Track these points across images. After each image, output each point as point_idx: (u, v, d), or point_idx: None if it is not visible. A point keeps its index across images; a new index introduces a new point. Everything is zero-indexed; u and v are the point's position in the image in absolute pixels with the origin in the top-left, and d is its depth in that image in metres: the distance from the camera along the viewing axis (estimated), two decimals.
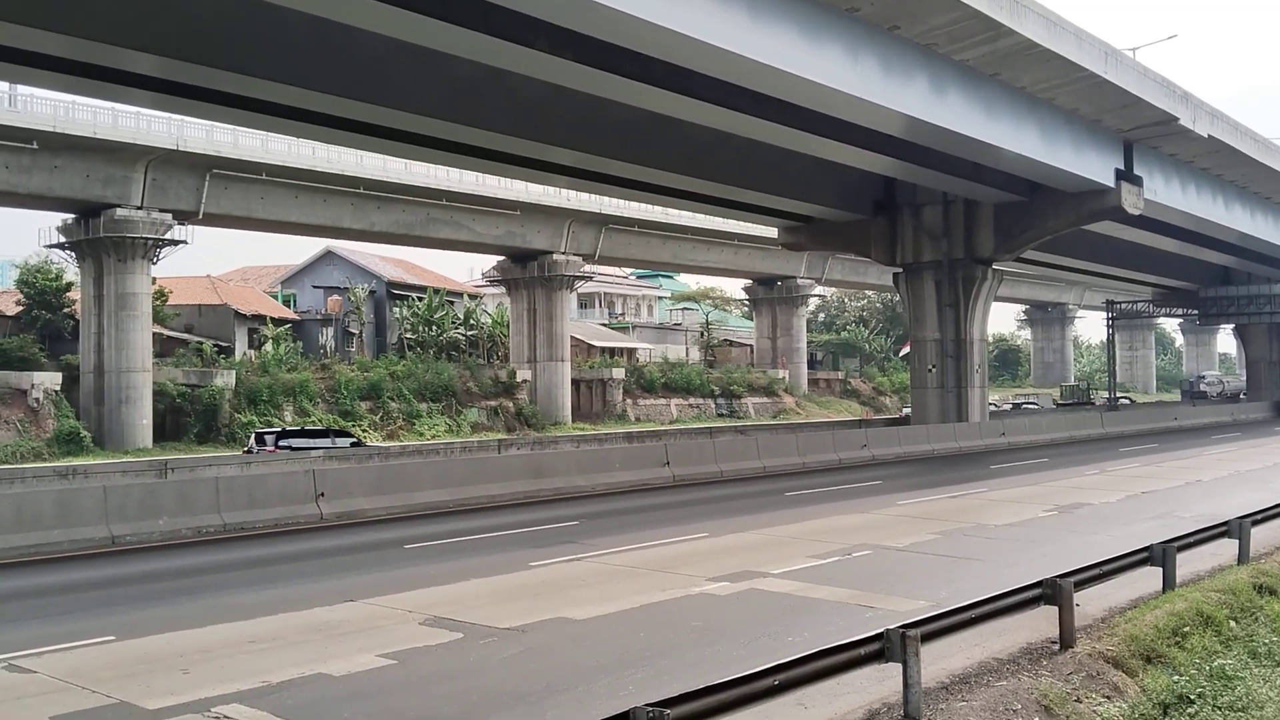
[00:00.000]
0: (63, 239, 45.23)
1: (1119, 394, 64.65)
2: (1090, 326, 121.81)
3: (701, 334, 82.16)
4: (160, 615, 13.10)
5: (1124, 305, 70.83)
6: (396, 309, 66.69)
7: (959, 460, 37.04)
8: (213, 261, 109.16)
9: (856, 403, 75.58)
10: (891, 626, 9.27)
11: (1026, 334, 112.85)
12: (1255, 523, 16.99)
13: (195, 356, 50.26)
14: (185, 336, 54.19)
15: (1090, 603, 12.80)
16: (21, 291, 51.31)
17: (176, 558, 17.61)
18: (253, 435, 39.72)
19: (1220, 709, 10.77)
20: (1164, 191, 40.73)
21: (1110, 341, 69.01)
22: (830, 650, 8.88)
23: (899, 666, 9.10)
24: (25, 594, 14.92)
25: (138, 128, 41.18)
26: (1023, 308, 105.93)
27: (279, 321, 59.41)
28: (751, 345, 79.63)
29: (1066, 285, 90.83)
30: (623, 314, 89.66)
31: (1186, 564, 14.84)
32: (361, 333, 65.34)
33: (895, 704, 9.20)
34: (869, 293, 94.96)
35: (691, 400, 65.72)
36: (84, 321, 44.75)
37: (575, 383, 61.35)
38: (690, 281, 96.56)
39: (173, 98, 25.94)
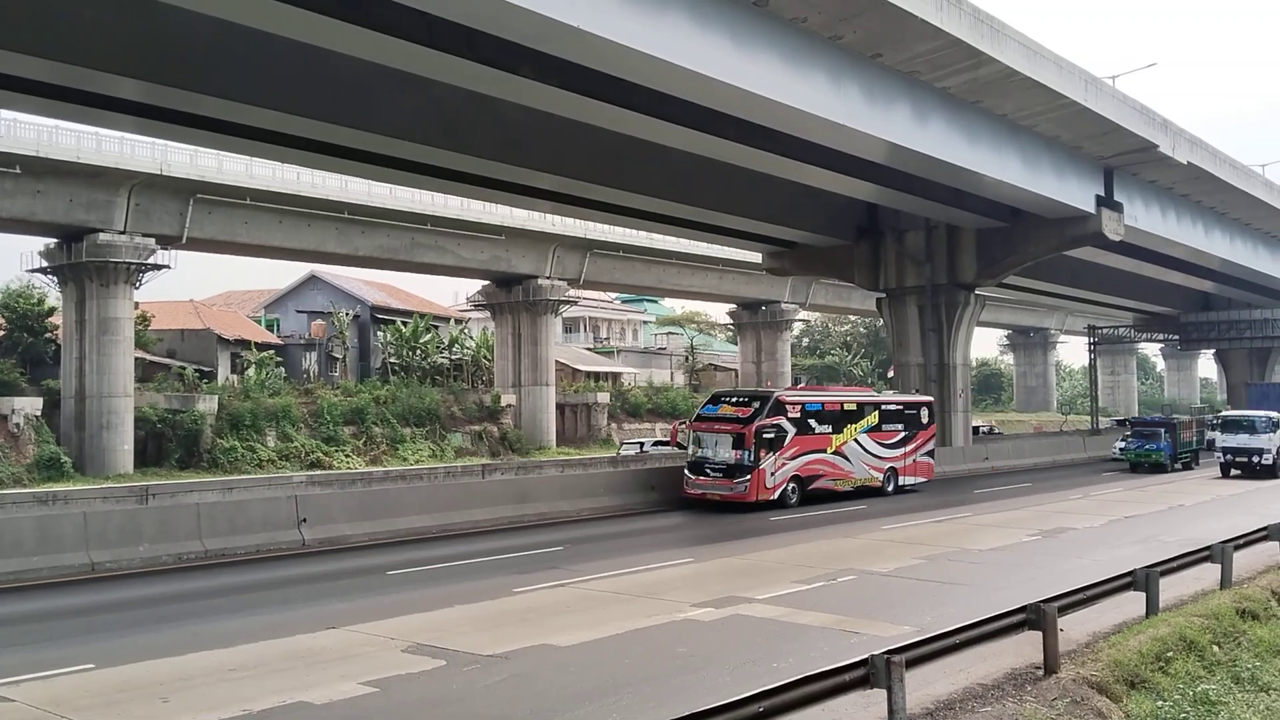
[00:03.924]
0: (45, 263, 45.03)
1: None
2: (1072, 351, 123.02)
3: (686, 358, 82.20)
4: (140, 643, 12.98)
5: (1106, 330, 71.14)
6: (380, 333, 66.52)
7: (943, 484, 37.07)
8: (196, 286, 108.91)
9: None
10: (876, 652, 9.26)
11: (1009, 359, 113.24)
12: (1237, 547, 17.08)
13: (177, 381, 49.97)
14: (168, 361, 53.90)
15: (1074, 627, 12.83)
16: (3, 316, 50.98)
17: (157, 584, 17.45)
18: None
19: None
20: (1144, 218, 41.05)
21: (1092, 366, 69.16)
22: (815, 676, 8.87)
23: (884, 693, 9.09)
24: (4, 621, 14.74)
25: (121, 152, 41.10)
26: (1005, 333, 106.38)
27: (262, 346, 59.17)
28: (736, 369, 79.68)
29: (1048, 310, 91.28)
30: (607, 338, 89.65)
31: (1170, 588, 14.89)
32: (345, 357, 65.14)
33: None
34: (853, 317, 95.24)
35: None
36: (65, 346, 44.48)
37: (560, 407, 61.24)
38: (675, 306, 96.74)
39: (156, 122, 25.89)
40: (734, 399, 28.88)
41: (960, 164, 31.20)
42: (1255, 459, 37.99)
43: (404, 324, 65.27)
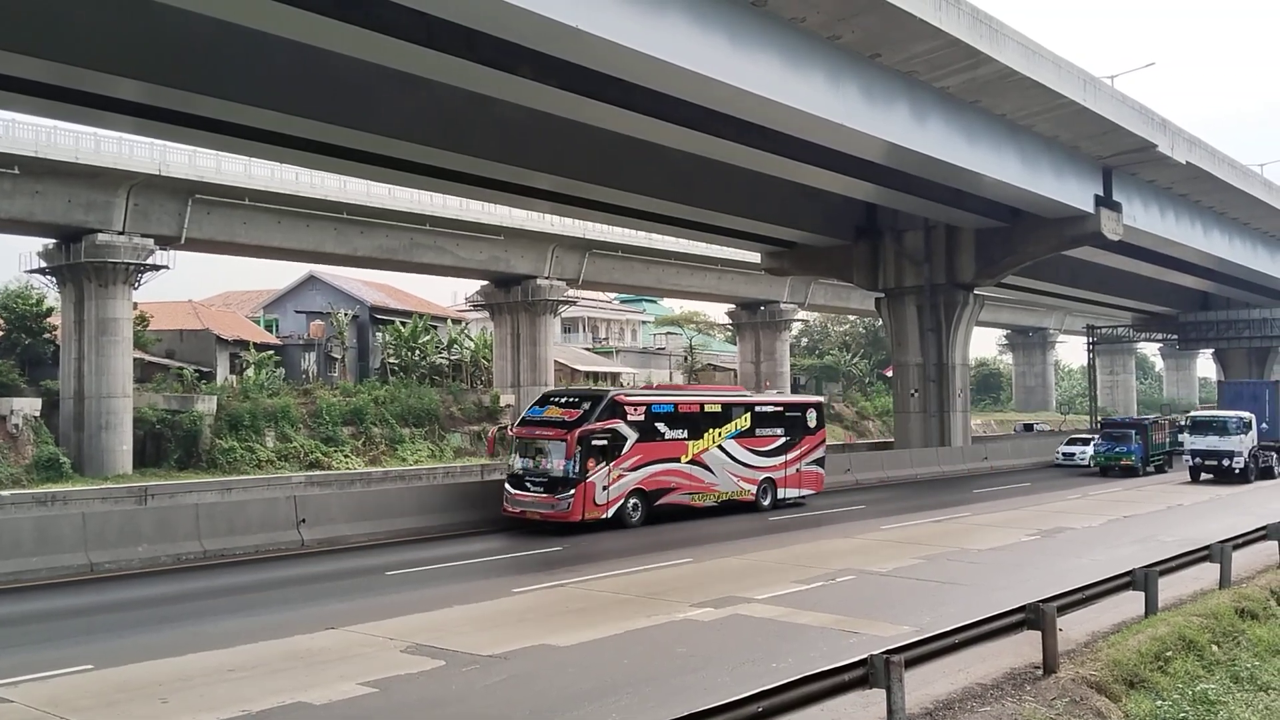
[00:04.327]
0: (44, 264, 44.98)
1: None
2: (1071, 351, 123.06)
3: (685, 358, 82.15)
4: (139, 643, 12.97)
5: (1104, 330, 71.22)
6: (379, 334, 66.47)
7: (942, 484, 37.11)
8: (195, 286, 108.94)
9: (840, 427, 75.60)
10: (875, 652, 9.27)
11: (1008, 358, 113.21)
12: (1236, 547, 17.09)
13: (176, 382, 49.93)
14: (166, 362, 53.84)
15: (1073, 627, 12.83)
16: (1, 316, 50.92)
17: (156, 585, 17.44)
18: None
19: None
20: (1143, 217, 41.07)
21: (1091, 366, 69.34)
22: (814, 676, 8.87)
23: (883, 692, 9.10)
24: (3, 622, 14.73)
25: (120, 153, 41.06)
26: (1004, 332, 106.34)
27: (261, 347, 59.12)
28: (735, 370, 79.63)
29: (1047, 310, 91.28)
30: (606, 338, 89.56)
31: (1168, 588, 14.90)
32: (344, 358, 65.08)
33: None
34: (852, 317, 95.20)
35: None
36: (64, 347, 44.44)
37: None
38: (674, 306, 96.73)
39: (155, 123, 25.89)
40: (563, 399, 24.78)
41: (959, 164, 31.21)
42: (1226, 462, 36.14)
43: (403, 324, 65.23)
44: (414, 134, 27.19)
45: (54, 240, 43.73)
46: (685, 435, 25.47)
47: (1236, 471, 35.82)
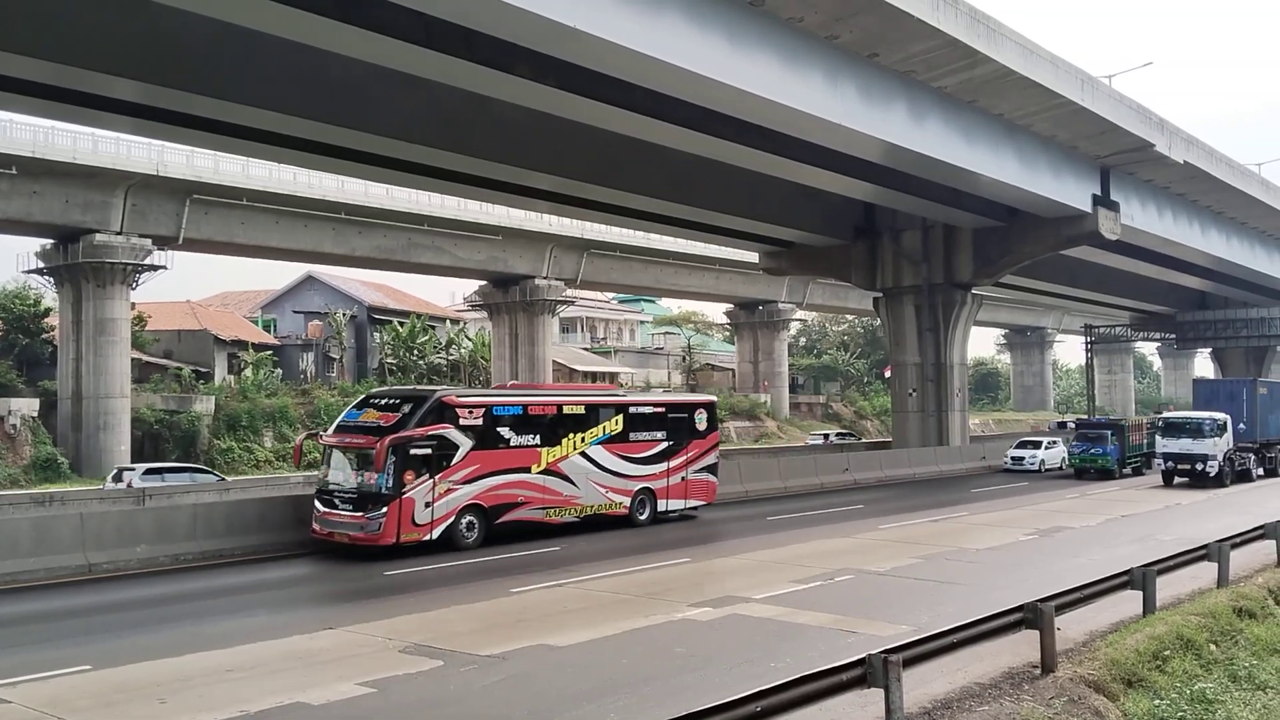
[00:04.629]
0: (41, 264, 44.96)
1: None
2: (1069, 350, 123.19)
3: (683, 358, 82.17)
4: (137, 644, 12.97)
5: (1102, 329, 71.24)
6: (378, 334, 66.49)
7: (940, 484, 37.13)
8: (193, 286, 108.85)
9: (838, 426, 75.70)
10: (874, 652, 9.27)
11: (1006, 358, 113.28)
12: (1234, 546, 17.11)
13: (174, 382, 49.92)
14: (164, 362, 53.82)
15: (1071, 626, 12.84)
16: None
17: (155, 585, 17.42)
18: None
19: None
20: (1141, 217, 41.09)
21: (1089, 365, 69.37)
22: (812, 676, 8.87)
23: (881, 692, 9.10)
24: (1, 622, 14.71)
25: (117, 153, 41.04)
26: (1002, 332, 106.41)
27: (259, 347, 59.11)
28: (733, 369, 79.67)
29: (1045, 310, 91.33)
30: (605, 338, 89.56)
31: (1166, 587, 14.90)
32: (342, 358, 65.07)
33: None
34: (850, 317, 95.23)
35: None
36: (62, 347, 44.43)
37: None
38: (672, 306, 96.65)
39: (153, 123, 25.88)
40: (383, 401, 21.47)
41: (957, 163, 31.23)
42: (1200, 466, 34.41)
43: (401, 324, 65.25)
44: (412, 134, 27.18)
45: (52, 240, 43.72)
46: (538, 441, 22.34)
47: (1211, 475, 34.30)
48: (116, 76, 22.23)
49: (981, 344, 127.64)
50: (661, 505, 25.02)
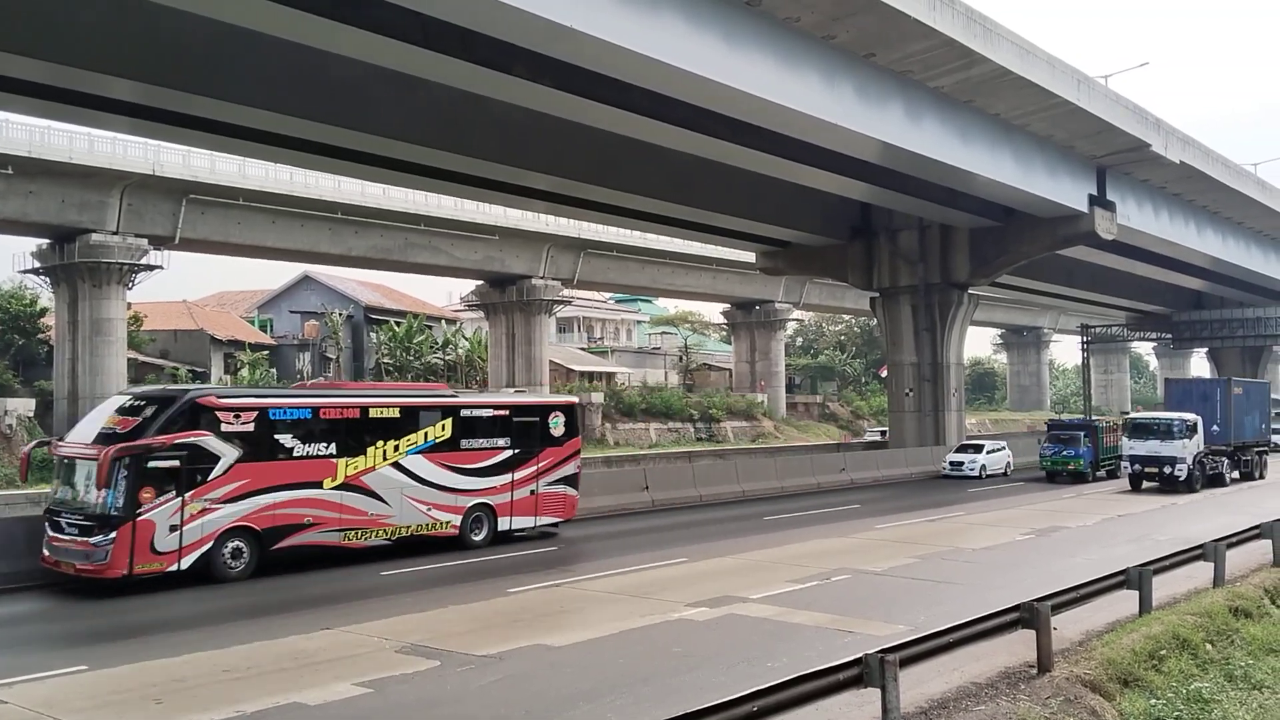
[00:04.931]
0: (37, 264, 44.86)
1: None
2: (1066, 350, 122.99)
3: (680, 358, 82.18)
4: (134, 644, 12.95)
5: (1098, 329, 71.22)
6: (374, 334, 66.43)
7: (937, 484, 37.15)
8: (189, 286, 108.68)
9: (835, 426, 75.73)
10: (870, 651, 9.28)
11: (1003, 358, 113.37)
12: (1230, 546, 17.13)
13: (170, 382, 49.85)
14: (160, 362, 53.76)
15: (1067, 626, 12.85)
16: None
17: (152, 585, 17.38)
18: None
19: None
20: (1137, 216, 41.13)
21: (1085, 365, 69.25)
22: (809, 676, 8.88)
23: (878, 692, 9.11)
24: None
25: (114, 153, 40.97)
26: (999, 331, 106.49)
27: (255, 347, 59.05)
28: (730, 369, 79.67)
29: (1042, 309, 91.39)
30: (601, 338, 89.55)
31: (1163, 587, 14.93)
32: (339, 358, 65.02)
33: None
34: (846, 317, 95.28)
35: (670, 424, 65.64)
36: (58, 347, 44.36)
37: None
38: (669, 306, 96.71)
39: (149, 123, 25.84)
40: (128, 403, 18.02)
41: (953, 163, 31.25)
42: (1168, 469, 32.91)
43: (398, 324, 65.22)
44: (410, 134, 27.16)
45: (48, 240, 43.64)
46: (332, 451, 19.01)
47: (1181, 479, 32.82)
48: (114, 76, 22.20)
49: (978, 344, 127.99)
50: (504, 523, 21.71)
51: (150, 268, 44.77)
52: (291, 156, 31.10)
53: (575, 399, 26.37)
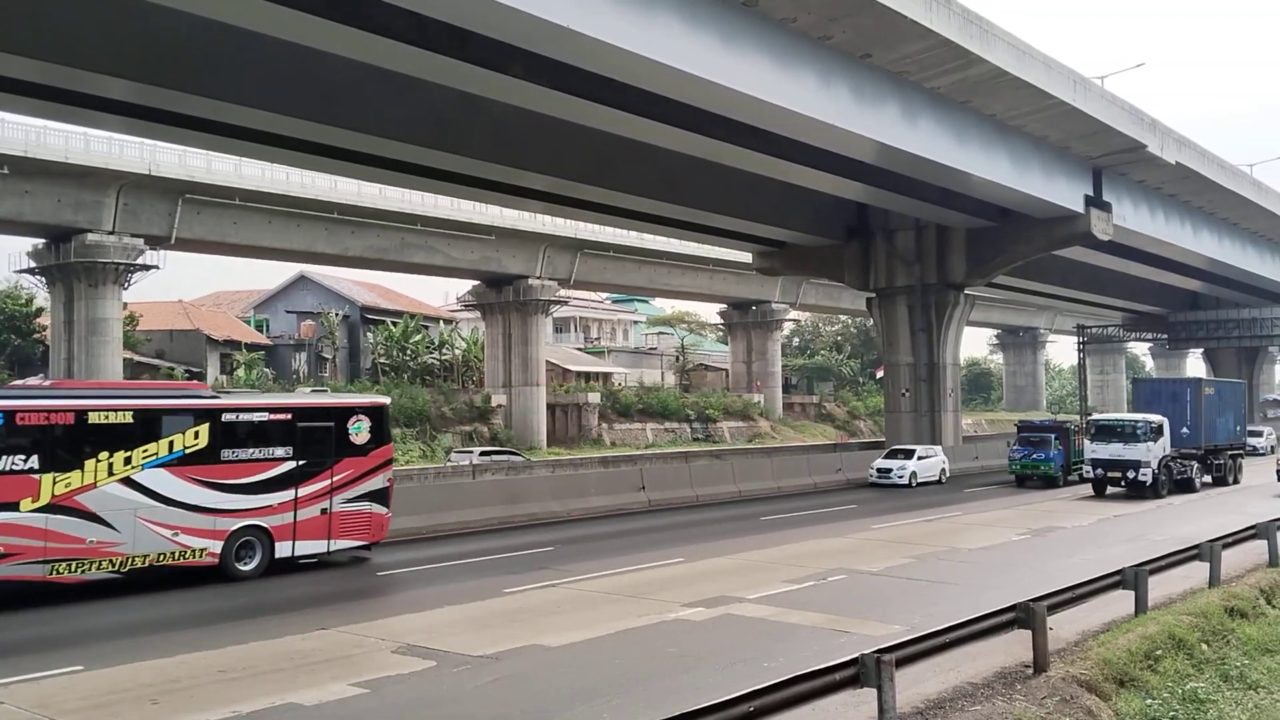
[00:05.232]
0: (33, 264, 44.86)
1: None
2: (1062, 350, 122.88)
3: (677, 358, 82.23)
4: (130, 645, 12.93)
5: (1094, 330, 71.29)
6: (370, 334, 66.42)
7: (934, 483, 37.14)
8: (185, 286, 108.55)
9: (831, 426, 75.79)
10: (866, 651, 9.28)
11: (999, 358, 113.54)
12: (1226, 546, 17.14)
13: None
14: (156, 362, 53.72)
15: (1063, 626, 12.86)
16: None
17: (148, 586, 17.35)
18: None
19: None
20: (1133, 217, 41.18)
21: (1081, 366, 69.29)
22: (805, 676, 8.88)
23: (874, 692, 9.11)
24: None
25: (110, 152, 40.94)
26: (995, 332, 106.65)
27: (252, 347, 59.04)
28: (727, 369, 79.72)
29: (1038, 310, 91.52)
30: (598, 338, 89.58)
31: (1158, 587, 14.94)
32: (335, 358, 65.00)
33: None
34: (843, 317, 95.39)
35: (667, 424, 65.70)
36: (54, 347, 44.33)
37: (550, 407, 61.18)
38: (666, 306, 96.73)
39: (145, 122, 25.81)
40: None
41: (949, 164, 31.27)
42: (1131, 474, 31.14)
43: (394, 324, 65.19)
44: (406, 134, 27.14)
45: (43, 240, 43.63)
46: (35, 465, 15.56)
47: (1146, 484, 31.15)
48: (110, 76, 22.17)
49: (974, 344, 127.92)
50: (284, 549, 18.15)
51: (146, 267, 44.76)
52: (288, 156, 31.07)
53: (385, 400, 21.84)
